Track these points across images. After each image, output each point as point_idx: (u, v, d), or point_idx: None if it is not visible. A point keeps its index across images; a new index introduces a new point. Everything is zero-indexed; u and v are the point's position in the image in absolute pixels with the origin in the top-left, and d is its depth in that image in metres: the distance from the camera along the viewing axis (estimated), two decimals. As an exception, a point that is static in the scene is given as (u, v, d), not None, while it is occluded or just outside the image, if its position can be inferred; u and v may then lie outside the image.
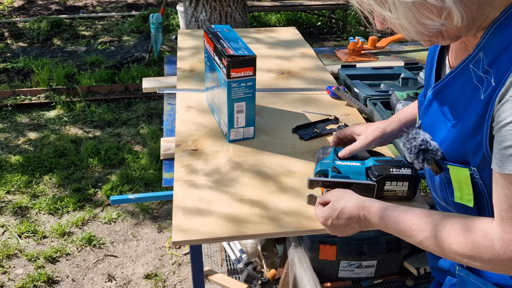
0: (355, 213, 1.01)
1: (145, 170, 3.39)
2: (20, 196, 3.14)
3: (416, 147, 0.95)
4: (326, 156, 1.27)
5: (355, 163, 1.23)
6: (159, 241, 2.80)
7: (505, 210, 0.80)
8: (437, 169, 0.96)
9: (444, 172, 0.96)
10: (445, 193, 1.01)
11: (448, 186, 0.98)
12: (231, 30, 1.54)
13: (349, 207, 1.02)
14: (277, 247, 2.30)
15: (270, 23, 6.66)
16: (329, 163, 1.23)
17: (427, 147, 0.94)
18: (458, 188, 0.95)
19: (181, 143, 1.51)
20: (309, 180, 1.19)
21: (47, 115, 4.16)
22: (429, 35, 0.84)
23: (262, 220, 1.18)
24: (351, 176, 1.19)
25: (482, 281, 0.97)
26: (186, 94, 1.84)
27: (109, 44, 5.85)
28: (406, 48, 2.55)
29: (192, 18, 3.72)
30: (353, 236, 1.90)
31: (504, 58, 0.78)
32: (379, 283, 2.05)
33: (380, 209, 0.97)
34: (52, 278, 2.55)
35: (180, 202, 1.24)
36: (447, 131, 0.91)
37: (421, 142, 0.95)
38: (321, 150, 1.32)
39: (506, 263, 0.80)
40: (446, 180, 0.98)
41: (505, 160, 0.78)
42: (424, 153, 0.94)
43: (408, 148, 0.97)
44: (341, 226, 1.04)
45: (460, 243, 0.84)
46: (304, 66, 2.11)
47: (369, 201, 1.00)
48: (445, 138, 0.92)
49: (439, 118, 0.94)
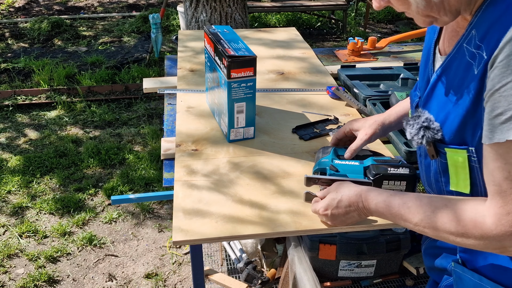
0: (354, 201, 1.03)
1: (145, 170, 3.39)
2: (21, 196, 3.15)
3: (419, 123, 0.97)
4: (325, 155, 1.28)
5: (353, 162, 1.24)
6: (160, 240, 2.81)
7: (497, 183, 0.80)
8: (433, 152, 0.97)
9: (440, 158, 0.97)
10: (440, 183, 1.01)
11: (444, 174, 0.99)
12: (231, 31, 1.55)
13: (348, 195, 1.04)
14: (277, 246, 2.31)
15: (270, 24, 6.66)
16: (327, 161, 1.25)
17: (429, 125, 0.95)
18: (455, 174, 0.95)
19: (182, 143, 1.52)
20: (306, 178, 1.21)
21: (47, 115, 4.17)
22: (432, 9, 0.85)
23: (262, 220, 1.18)
24: (349, 175, 1.20)
25: (478, 276, 0.98)
26: (186, 94, 1.85)
27: (110, 44, 5.86)
28: (406, 48, 2.56)
29: (192, 19, 3.73)
30: (353, 236, 1.91)
31: (494, 31, 0.79)
32: (379, 283, 2.06)
33: (377, 195, 0.99)
34: (53, 277, 2.55)
35: (181, 202, 1.25)
36: (448, 112, 0.92)
37: (424, 120, 0.96)
38: (321, 149, 1.33)
39: (498, 238, 0.80)
40: (442, 167, 0.99)
41: (494, 130, 0.78)
42: (425, 130, 0.95)
43: (411, 124, 0.99)
44: (340, 215, 1.07)
45: (453, 221, 0.85)
46: (304, 67, 2.12)
47: (367, 189, 1.03)
48: (446, 118, 0.93)
49: (441, 101, 0.95)
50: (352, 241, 1.91)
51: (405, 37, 2.69)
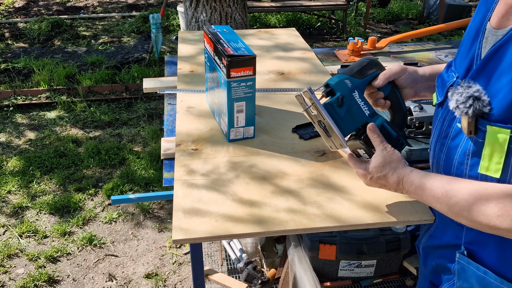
0: (395, 181, 1.06)
1: (145, 170, 3.39)
2: (21, 196, 3.15)
3: (469, 92, 0.94)
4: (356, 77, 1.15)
5: (367, 108, 1.14)
6: (160, 240, 2.81)
7: None
8: (473, 128, 0.94)
9: (476, 137, 0.94)
10: (464, 166, 0.99)
11: (473, 156, 0.96)
12: (231, 31, 1.55)
13: (391, 176, 1.07)
14: (277, 246, 2.31)
15: (270, 24, 6.66)
16: (347, 87, 1.13)
17: (480, 96, 0.93)
18: (488, 156, 0.92)
19: (182, 143, 1.52)
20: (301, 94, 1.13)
21: (47, 115, 4.17)
22: None
23: (262, 219, 1.18)
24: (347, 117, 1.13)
25: (484, 269, 0.97)
26: (186, 94, 1.85)
27: (110, 44, 5.86)
28: (406, 48, 2.56)
29: (192, 19, 3.73)
30: (353, 236, 1.91)
31: None
32: (379, 283, 2.05)
33: (418, 178, 1.02)
34: (53, 277, 2.55)
35: (181, 201, 1.25)
36: (501, 87, 0.90)
37: (476, 90, 0.94)
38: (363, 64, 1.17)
39: None
40: (473, 148, 0.96)
41: None
42: (475, 101, 0.93)
43: (460, 92, 0.96)
44: (377, 185, 1.13)
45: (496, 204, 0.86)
46: (304, 67, 2.12)
47: (409, 171, 1.05)
48: (498, 93, 0.91)
49: (495, 75, 0.92)
50: (352, 241, 1.91)
51: (405, 37, 2.69)
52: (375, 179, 1.10)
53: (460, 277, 1.04)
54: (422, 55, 2.46)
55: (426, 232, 1.21)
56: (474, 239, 1.02)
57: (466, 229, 1.03)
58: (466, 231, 1.03)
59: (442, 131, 1.06)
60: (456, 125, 1.01)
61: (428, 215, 1.18)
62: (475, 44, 1.00)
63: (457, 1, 6.92)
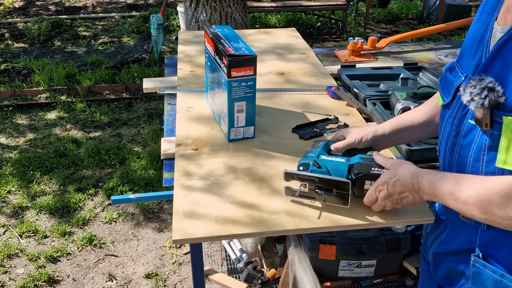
0: (410, 182, 1.04)
1: (145, 170, 3.39)
2: (21, 196, 3.15)
3: (482, 84, 0.93)
4: (314, 149, 1.27)
5: (340, 159, 1.22)
6: (160, 240, 2.81)
7: None
8: (488, 121, 0.93)
9: (492, 129, 0.93)
10: (480, 163, 0.97)
11: (489, 151, 0.95)
12: (231, 31, 1.55)
13: (405, 175, 1.06)
14: (277, 246, 2.31)
15: (270, 24, 6.67)
16: (313, 156, 1.23)
17: (494, 87, 0.92)
18: (505, 148, 0.91)
19: (182, 143, 1.52)
20: (284, 172, 1.21)
21: (47, 116, 4.17)
22: None
23: (262, 219, 1.18)
24: (332, 172, 1.18)
25: (500, 272, 0.96)
26: (186, 94, 1.85)
27: (110, 44, 5.86)
28: (406, 48, 2.56)
29: (192, 19, 3.73)
30: (353, 236, 1.91)
31: None
32: (379, 283, 2.05)
33: (432, 175, 1.01)
34: (53, 277, 2.55)
35: (180, 201, 1.25)
36: None
37: (489, 81, 0.93)
38: (312, 143, 1.32)
39: None
40: (489, 142, 0.94)
41: None
42: (490, 91, 0.92)
43: (473, 85, 0.95)
44: (396, 193, 1.08)
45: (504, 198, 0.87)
46: (304, 67, 2.12)
47: (425, 171, 1.04)
48: (510, 83, 0.90)
49: (505, 67, 0.92)
50: (352, 241, 1.91)
51: (405, 37, 2.69)
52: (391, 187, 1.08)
53: (475, 281, 1.02)
54: (422, 55, 2.46)
55: (437, 238, 1.18)
56: (489, 241, 1.00)
57: (480, 231, 1.01)
58: (481, 233, 1.01)
59: (452, 130, 1.05)
60: (467, 122, 1.00)
61: (428, 215, 1.18)
62: (482, 43, 1.00)
63: (457, 1, 6.92)
